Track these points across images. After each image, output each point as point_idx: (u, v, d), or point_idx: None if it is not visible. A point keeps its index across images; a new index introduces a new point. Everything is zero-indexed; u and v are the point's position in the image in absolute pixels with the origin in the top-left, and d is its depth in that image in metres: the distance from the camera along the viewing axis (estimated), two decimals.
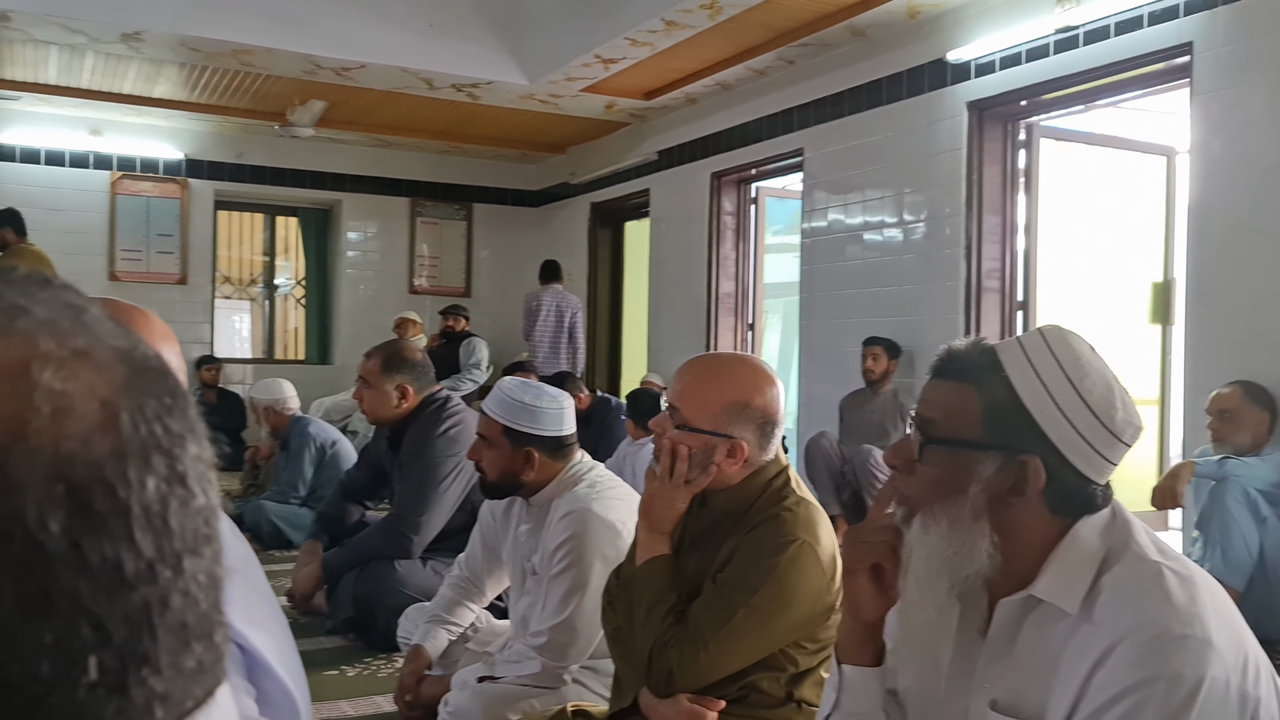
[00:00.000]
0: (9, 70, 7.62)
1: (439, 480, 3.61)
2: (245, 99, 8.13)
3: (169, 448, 0.45)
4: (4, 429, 0.41)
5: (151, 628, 0.43)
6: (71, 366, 0.43)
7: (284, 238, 10.33)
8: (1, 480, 0.40)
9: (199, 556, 0.46)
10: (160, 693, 0.44)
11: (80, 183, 8.87)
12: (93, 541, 0.42)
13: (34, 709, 0.41)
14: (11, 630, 0.40)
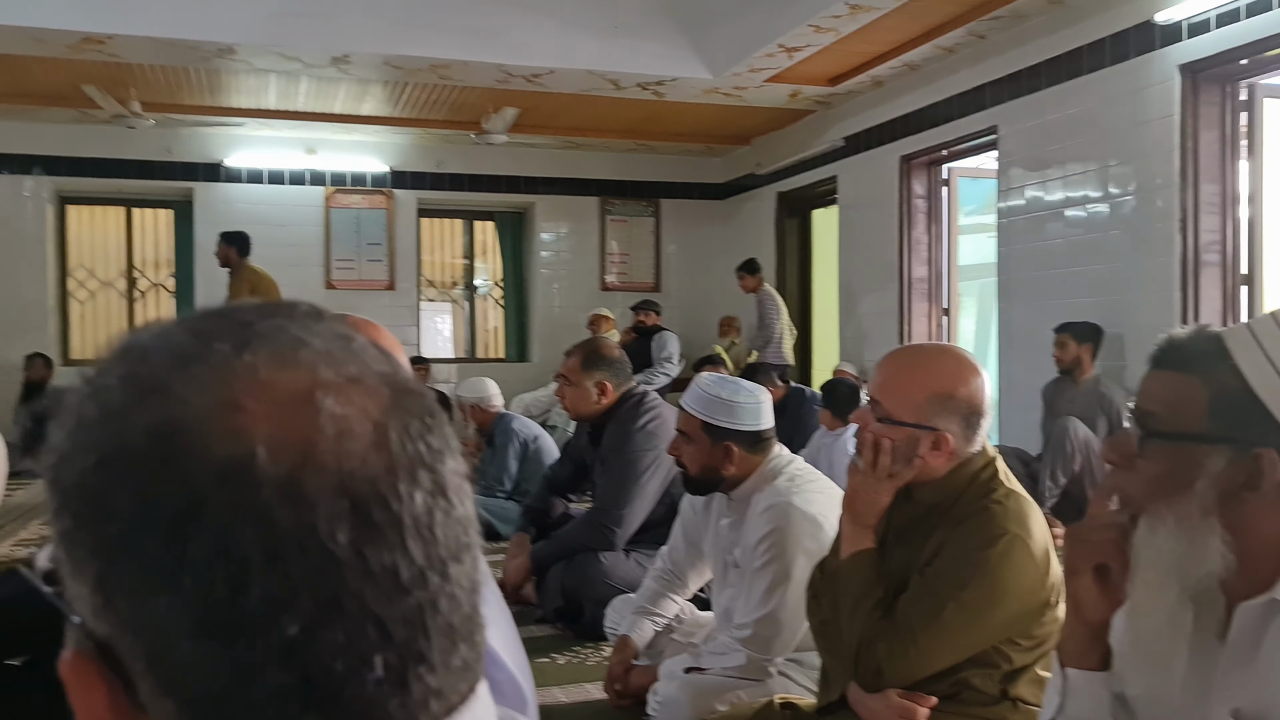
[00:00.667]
0: (234, 98, 8.22)
1: (639, 474, 3.68)
2: (443, 111, 8.50)
3: (432, 463, 0.48)
4: (295, 450, 0.45)
5: (425, 629, 0.47)
6: (347, 392, 0.48)
7: (482, 241, 10.72)
8: (295, 496, 0.44)
9: (460, 563, 0.49)
10: (434, 688, 0.48)
11: (298, 199, 9.49)
12: (374, 550, 0.46)
13: (332, 702, 0.45)
14: (312, 631, 0.44)
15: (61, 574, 0.49)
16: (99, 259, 9.61)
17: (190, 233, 9.31)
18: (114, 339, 0.51)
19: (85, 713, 0.47)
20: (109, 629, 0.46)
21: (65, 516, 0.47)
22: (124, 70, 7.26)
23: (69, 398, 0.49)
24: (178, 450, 0.44)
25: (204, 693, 0.45)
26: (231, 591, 0.43)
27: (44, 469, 0.48)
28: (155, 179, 9.21)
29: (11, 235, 8.87)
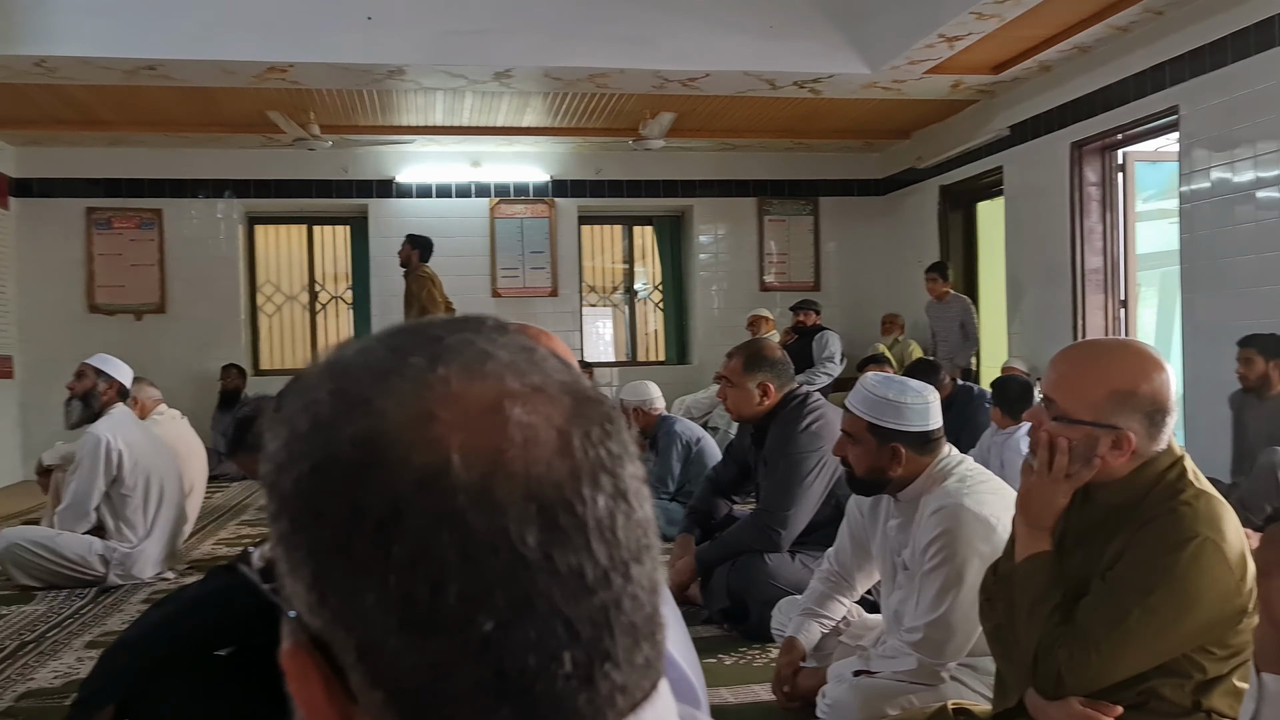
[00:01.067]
0: (404, 117, 8.58)
1: (803, 475, 3.66)
2: (601, 119, 8.64)
3: (613, 468, 0.51)
4: (486, 458, 0.48)
5: (610, 628, 0.50)
6: (533, 401, 0.51)
7: (641, 245, 10.84)
8: (487, 501, 0.47)
9: (642, 564, 0.51)
10: (620, 685, 0.50)
11: (464, 211, 9.81)
12: (561, 552, 0.48)
13: (523, 695, 0.48)
14: (505, 628, 0.47)
15: (279, 571, 0.53)
16: (284, 274, 10.16)
17: (366, 247, 9.75)
18: (320, 353, 0.55)
19: (304, 701, 0.51)
20: (323, 624, 0.50)
21: (283, 520, 0.51)
22: (304, 96, 7.67)
23: (284, 409, 0.53)
24: (380, 459, 0.48)
25: (408, 684, 0.48)
26: (431, 590, 0.47)
27: (263, 476, 0.53)
28: (333, 197, 9.68)
29: (207, 255, 9.47)
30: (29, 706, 2.93)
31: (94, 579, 4.48)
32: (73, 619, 3.97)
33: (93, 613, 4.07)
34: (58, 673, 3.25)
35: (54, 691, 3.06)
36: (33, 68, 6.61)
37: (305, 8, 6.59)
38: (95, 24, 6.35)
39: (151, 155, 9.24)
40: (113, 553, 4.52)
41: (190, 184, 9.40)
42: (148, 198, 9.36)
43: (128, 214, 9.34)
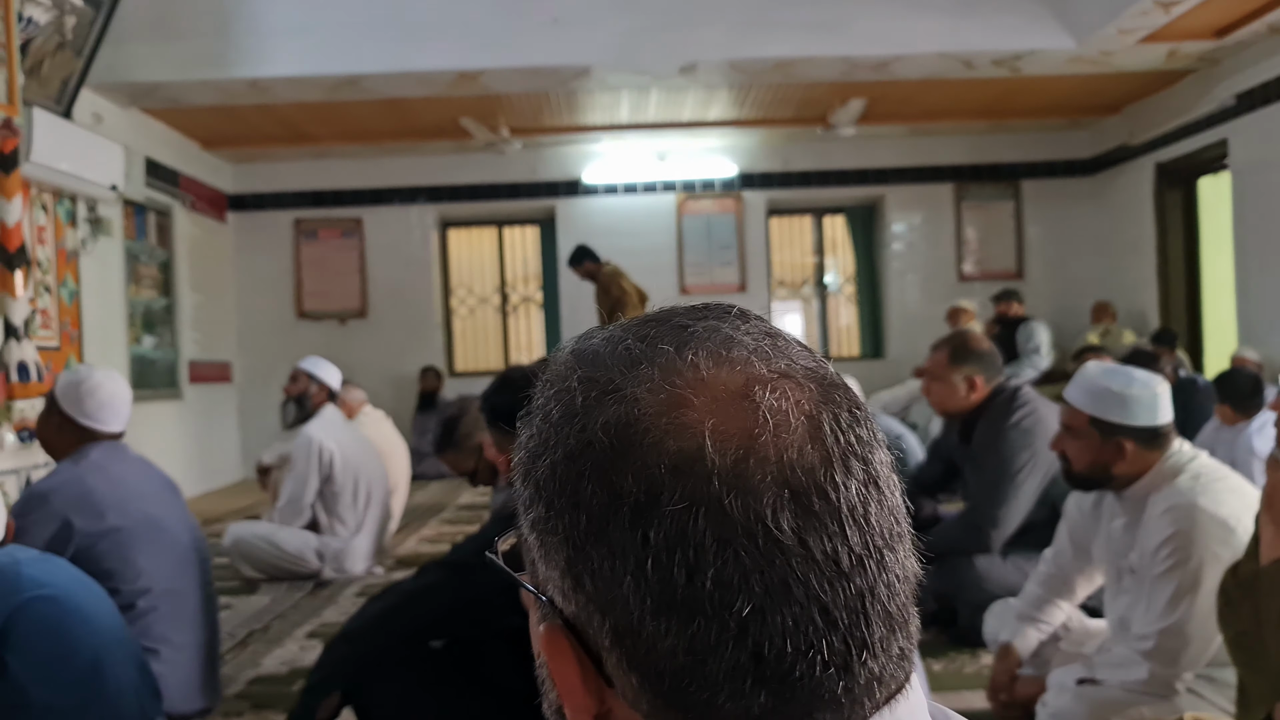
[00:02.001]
0: (590, 116, 8.68)
1: (1014, 472, 3.47)
2: (789, 108, 8.50)
3: (863, 454, 0.50)
4: (738, 442, 0.48)
5: (866, 615, 0.49)
6: (781, 386, 0.50)
7: (831, 237, 10.62)
8: (742, 486, 0.47)
9: (894, 551, 0.51)
10: (876, 674, 0.50)
11: (651, 207, 9.86)
12: (815, 538, 0.48)
13: (780, 681, 0.48)
14: (762, 613, 0.47)
15: (531, 558, 0.54)
16: (475, 277, 10.47)
17: (554, 247, 9.93)
18: (566, 345, 0.56)
19: (561, 681, 0.52)
20: (577, 608, 0.51)
21: (538, 506, 0.52)
22: (493, 101, 7.86)
23: (535, 399, 0.55)
24: (634, 445, 0.49)
25: (665, 667, 0.48)
26: (688, 574, 0.47)
27: (515, 465, 0.54)
28: (522, 199, 9.91)
29: (404, 260, 9.87)
30: (259, 691, 3.08)
31: (310, 573, 4.71)
32: (293, 610, 4.17)
33: (311, 605, 4.26)
34: (283, 660, 3.41)
35: (281, 679, 3.21)
36: (246, 89, 7.02)
37: (493, 15, 6.75)
38: (302, 44, 6.69)
39: (352, 166, 9.69)
40: (327, 547, 4.73)
41: (388, 192, 9.81)
42: (349, 207, 9.82)
43: (331, 224, 9.84)
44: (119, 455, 2.88)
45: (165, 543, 2.82)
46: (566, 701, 0.52)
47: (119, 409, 2.88)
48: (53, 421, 2.84)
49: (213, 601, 3.00)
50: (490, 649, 2.25)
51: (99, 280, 6.96)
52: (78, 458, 2.80)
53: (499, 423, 2.28)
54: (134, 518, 2.77)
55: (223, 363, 9.36)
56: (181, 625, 2.82)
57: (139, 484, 2.85)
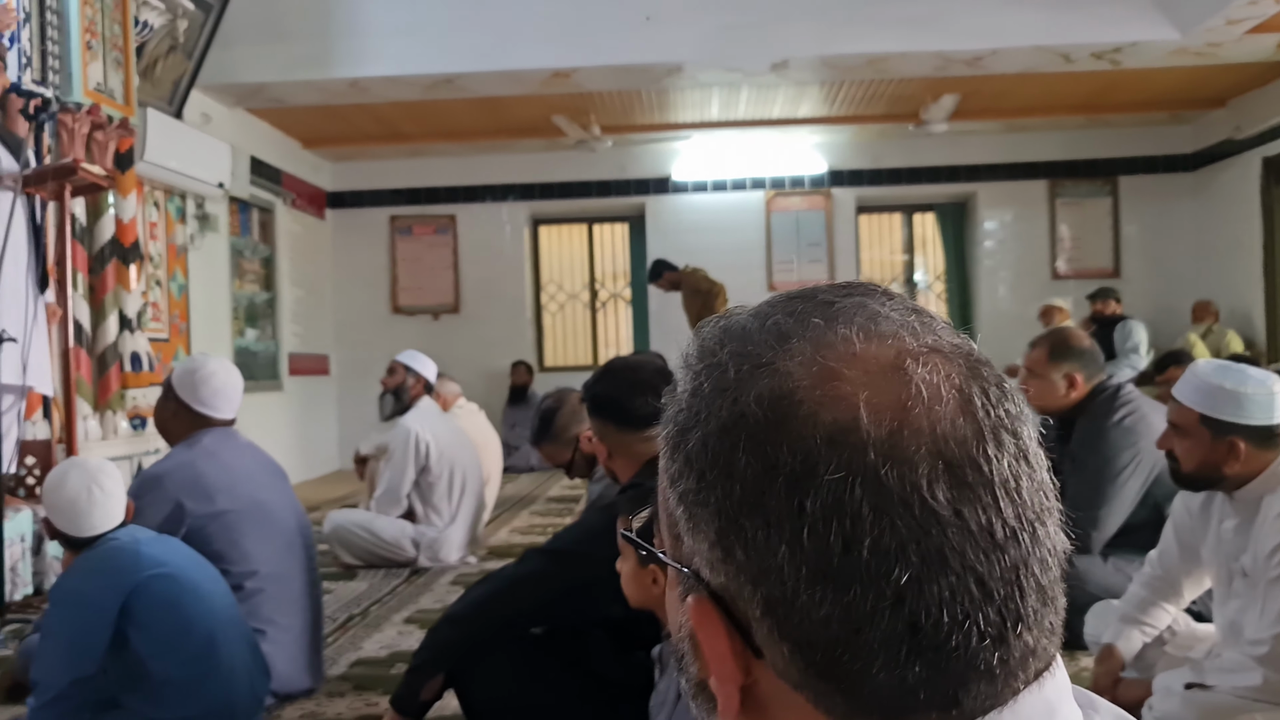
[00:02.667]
0: (680, 114, 8.71)
1: (1116, 473, 3.40)
2: (880, 105, 8.42)
3: (1014, 428, 0.51)
4: (892, 415, 0.49)
5: (1021, 588, 0.49)
6: (931, 360, 0.51)
7: (921, 234, 10.50)
8: (897, 457, 0.48)
9: (1045, 526, 0.51)
10: (1031, 648, 0.50)
11: (740, 205, 9.85)
12: (970, 510, 0.48)
13: (936, 651, 0.48)
14: (919, 583, 0.47)
15: (676, 532, 0.54)
16: (565, 274, 10.57)
17: (643, 244, 9.98)
18: (711, 322, 0.56)
19: (710, 651, 0.52)
20: (726, 579, 0.51)
21: (689, 478, 0.52)
22: (585, 99, 7.93)
23: (680, 376, 0.55)
24: (789, 417, 0.49)
25: (818, 636, 0.48)
26: (844, 543, 0.47)
27: (663, 440, 0.54)
28: (612, 196, 9.97)
29: (494, 257, 10.01)
30: (360, 673, 3.17)
31: (406, 560, 4.82)
32: (390, 596, 4.27)
33: (407, 591, 4.36)
34: (382, 645, 3.50)
35: (381, 661, 3.30)
36: (347, 88, 7.20)
37: (586, 13, 6.81)
38: (400, 44, 6.84)
39: (446, 164, 9.86)
40: (422, 536, 4.83)
41: (481, 190, 9.96)
42: (443, 204, 10.00)
43: (426, 220, 10.02)
44: (230, 441, 2.99)
45: (272, 527, 2.92)
46: (714, 672, 0.52)
47: (231, 397, 3.00)
48: (169, 408, 2.96)
49: (317, 585, 3.09)
50: (590, 636, 2.29)
51: (206, 275, 7.20)
52: (191, 443, 2.91)
53: (601, 413, 2.31)
54: (243, 502, 2.87)
55: (321, 355, 9.61)
56: (287, 607, 2.92)
57: (248, 469, 2.95)
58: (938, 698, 0.49)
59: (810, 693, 0.50)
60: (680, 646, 0.57)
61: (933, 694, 0.49)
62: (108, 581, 2.38)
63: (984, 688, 0.49)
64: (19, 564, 3.98)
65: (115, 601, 2.34)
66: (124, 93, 5.40)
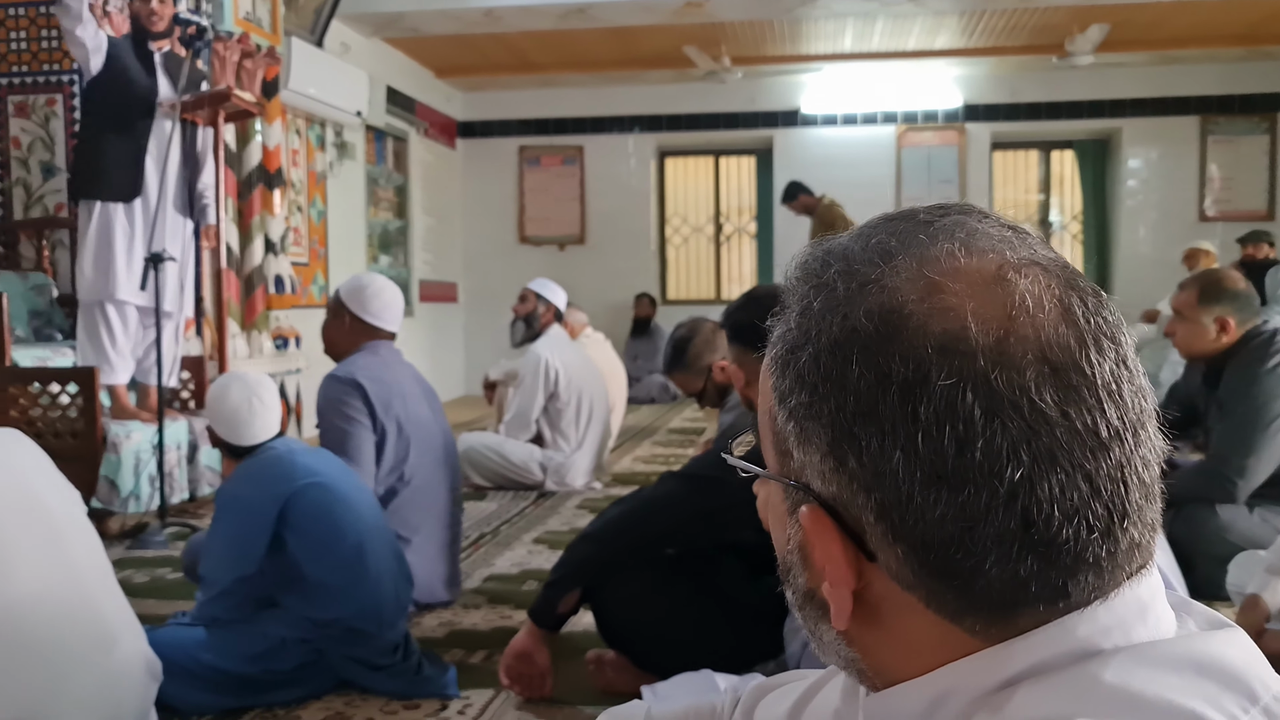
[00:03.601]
0: (812, 45, 8.54)
1: (1268, 421, 3.27)
2: (1022, 36, 8.11)
3: (1112, 335, 0.53)
4: (998, 323, 0.51)
5: (1126, 484, 0.52)
6: (1031, 272, 0.53)
7: (1059, 173, 10.12)
8: (1005, 362, 0.50)
9: (1145, 429, 0.53)
10: (1135, 541, 0.53)
11: (870, 139, 9.65)
12: (1076, 410, 0.51)
13: (1048, 545, 0.50)
14: (1030, 481, 0.50)
15: (784, 448, 0.57)
16: (691, 207, 10.54)
17: (770, 178, 9.87)
18: (812, 246, 0.59)
19: (823, 557, 0.55)
20: (837, 488, 0.54)
21: (800, 393, 0.55)
22: (717, 29, 7.84)
23: (787, 297, 0.59)
24: (899, 329, 0.52)
25: (932, 536, 0.51)
26: (958, 446, 0.50)
27: (773, 359, 0.58)
28: (740, 129, 9.87)
29: (620, 189, 10.04)
30: (494, 588, 3.30)
31: (533, 484, 4.95)
32: (519, 517, 4.41)
33: (535, 513, 4.50)
34: (513, 562, 3.63)
35: (513, 578, 3.43)
36: (481, 18, 7.26)
37: None
38: None
39: (575, 95, 9.88)
40: (550, 461, 4.96)
41: (608, 121, 9.97)
42: (571, 135, 10.04)
43: (554, 151, 10.09)
44: (393, 356, 3.14)
45: (425, 440, 3.06)
46: (829, 576, 0.55)
47: (396, 310, 3.19)
48: (343, 323, 3.13)
49: (459, 502, 3.23)
50: (723, 560, 2.33)
51: (343, 201, 7.42)
52: (371, 350, 3.09)
53: (741, 338, 2.32)
54: (409, 412, 3.03)
55: (449, 283, 9.83)
56: (432, 518, 3.05)
57: (406, 384, 3.10)
58: (1047, 590, 0.51)
59: (923, 592, 0.53)
60: (787, 559, 0.60)
61: (1043, 586, 0.51)
62: (265, 488, 2.50)
63: (1091, 579, 0.52)
64: (175, 470, 4.22)
65: (273, 507, 2.46)
66: (271, 21, 5.56)
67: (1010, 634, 0.52)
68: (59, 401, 3.98)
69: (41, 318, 4.74)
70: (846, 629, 0.56)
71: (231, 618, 2.48)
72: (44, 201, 4.89)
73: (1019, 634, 0.52)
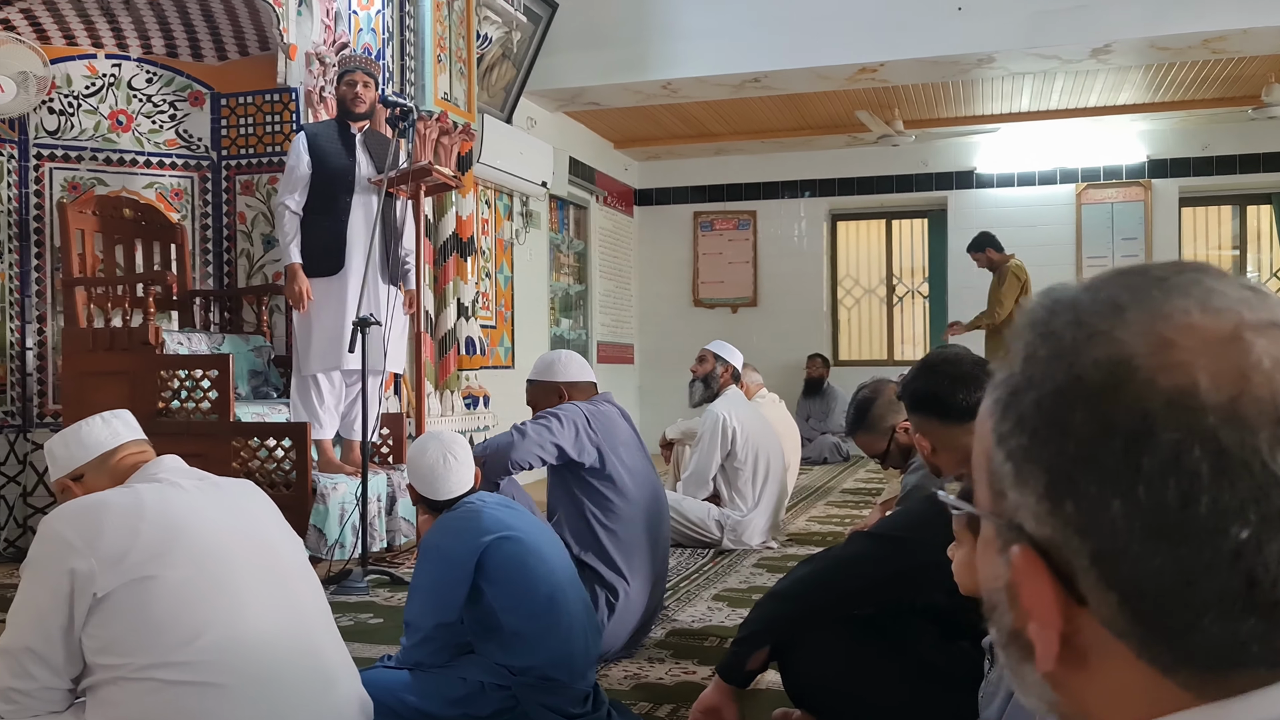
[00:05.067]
0: (987, 106, 8.47)
1: None
2: (1213, 88, 7.84)
3: None
4: (1233, 382, 0.51)
5: None
6: (1271, 334, 0.53)
7: (1254, 229, 9.64)
8: (1237, 420, 0.50)
9: None
10: None
11: (1047, 198, 9.44)
12: None
13: (1274, 607, 0.50)
14: (1257, 541, 0.49)
15: (998, 488, 0.58)
16: (862, 268, 10.51)
17: (944, 239, 9.77)
18: (1039, 297, 0.60)
19: (1032, 598, 0.55)
20: (1052, 530, 0.54)
21: (1020, 435, 0.55)
22: (890, 94, 7.88)
23: (1013, 344, 0.59)
24: (1125, 381, 0.52)
25: (1148, 587, 0.51)
26: (1182, 500, 0.50)
27: (995, 402, 0.58)
28: (912, 191, 9.83)
29: (792, 252, 10.12)
30: (677, 642, 3.37)
31: (710, 541, 5.01)
32: (698, 574, 4.48)
33: (714, 570, 4.55)
34: (694, 617, 3.69)
35: (694, 633, 3.49)
36: (660, 91, 7.53)
37: (895, 7, 6.77)
38: (712, 45, 7.08)
39: (747, 161, 10.07)
40: (727, 519, 5.02)
41: (780, 185, 10.09)
42: (744, 200, 10.21)
43: (728, 216, 10.27)
44: (606, 403, 3.37)
45: (637, 490, 3.22)
46: (1035, 618, 0.55)
47: (584, 362, 3.48)
48: (557, 397, 3.37)
49: (663, 559, 3.37)
50: (914, 622, 2.31)
51: (528, 267, 7.76)
52: (594, 400, 3.34)
53: (922, 408, 2.32)
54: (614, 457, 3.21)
55: (626, 345, 10.09)
56: (635, 570, 3.17)
57: (619, 430, 3.29)
58: (1269, 653, 0.51)
59: (1135, 641, 0.53)
60: (993, 598, 0.60)
61: (1265, 649, 0.50)
62: (463, 540, 2.63)
63: None
64: (375, 520, 4.48)
65: (470, 558, 2.58)
66: (466, 100, 5.93)
67: (1226, 693, 0.51)
68: (275, 454, 4.30)
69: (260, 377, 5.14)
70: (1052, 671, 0.56)
71: (433, 662, 2.60)
72: (264, 270, 5.33)
73: (1235, 693, 0.51)
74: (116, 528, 1.81)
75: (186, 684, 1.78)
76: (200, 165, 5.37)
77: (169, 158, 5.33)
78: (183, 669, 1.78)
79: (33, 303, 5.02)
